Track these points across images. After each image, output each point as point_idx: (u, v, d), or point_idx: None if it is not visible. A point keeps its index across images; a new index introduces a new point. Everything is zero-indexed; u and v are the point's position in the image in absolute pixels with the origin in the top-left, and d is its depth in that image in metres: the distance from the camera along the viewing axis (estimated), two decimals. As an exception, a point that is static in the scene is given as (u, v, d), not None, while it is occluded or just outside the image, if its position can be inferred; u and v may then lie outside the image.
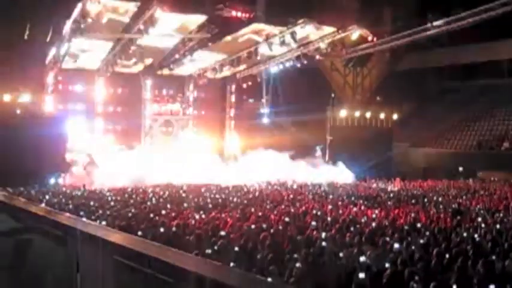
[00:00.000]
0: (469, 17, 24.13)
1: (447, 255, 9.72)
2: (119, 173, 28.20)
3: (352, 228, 12.84)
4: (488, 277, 8.24)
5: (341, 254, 9.62)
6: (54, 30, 24.41)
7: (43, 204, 15.32)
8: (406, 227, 13.25)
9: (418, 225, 13.75)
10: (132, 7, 22.84)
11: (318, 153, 36.28)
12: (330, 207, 17.47)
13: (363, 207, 17.97)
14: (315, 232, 12.01)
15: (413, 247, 10.49)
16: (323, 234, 11.49)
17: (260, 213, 15.73)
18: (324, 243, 10.51)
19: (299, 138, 35.50)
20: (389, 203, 19.71)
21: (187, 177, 27.95)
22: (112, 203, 18.14)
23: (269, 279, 6.59)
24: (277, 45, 28.41)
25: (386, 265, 8.83)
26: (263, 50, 29.43)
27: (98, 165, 29.21)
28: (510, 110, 36.67)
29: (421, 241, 11.21)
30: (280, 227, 12.80)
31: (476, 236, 12.06)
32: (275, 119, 38.24)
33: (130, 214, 15.18)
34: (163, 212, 15.70)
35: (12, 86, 26.29)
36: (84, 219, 10.46)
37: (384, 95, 40.97)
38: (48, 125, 26.49)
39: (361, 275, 8.05)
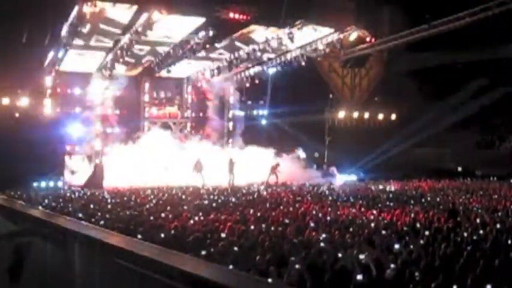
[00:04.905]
0: (467, 17, 24.07)
1: (447, 256, 9.72)
2: (118, 175, 28.22)
3: (351, 229, 12.83)
4: (488, 277, 8.24)
5: (340, 255, 9.60)
6: (52, 34, 24.43)
7: (42, 208, 15.30)
8: (405, 228, 13.25)
9: (418, 225, 13.75)
10: (130, 9, 22.81)
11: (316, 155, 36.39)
12: (329, 208, 17.47)
13: (362, 209, 17.97)
14: (314, 233, 12.00)
15: (411, 246, 10.48)
16: (322, 235, 11.48)
17: (259, 214, 15.74)
18: (322, 244, 10.50)
19: (297, 140, 35.55)
20: (388, 203, 19.70)
21: (186, 180, 27.97)
22: (110, 206, 18.12)
23: (268, 280, 6.60)
24: (275, 47, 28.41)
25: (386, 266, 8.83)
26: (261, 51, 29.42)
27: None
28: (508, 109, 36.69)
29: (421, 241, 11.20)
30: (279, 228, 12.80)
31: (475, 236, 12.06)
32: (273, 121, 38.19)
33: (129, 217, 15.18)
34: (163, 214, 15.67)
35: (10, 89, 26.29)
36: (83, 222, 10.47)
37: (382, 96, 40.95)
38: (47, 128, 26.49)
39: (359, 277, 8.04)
